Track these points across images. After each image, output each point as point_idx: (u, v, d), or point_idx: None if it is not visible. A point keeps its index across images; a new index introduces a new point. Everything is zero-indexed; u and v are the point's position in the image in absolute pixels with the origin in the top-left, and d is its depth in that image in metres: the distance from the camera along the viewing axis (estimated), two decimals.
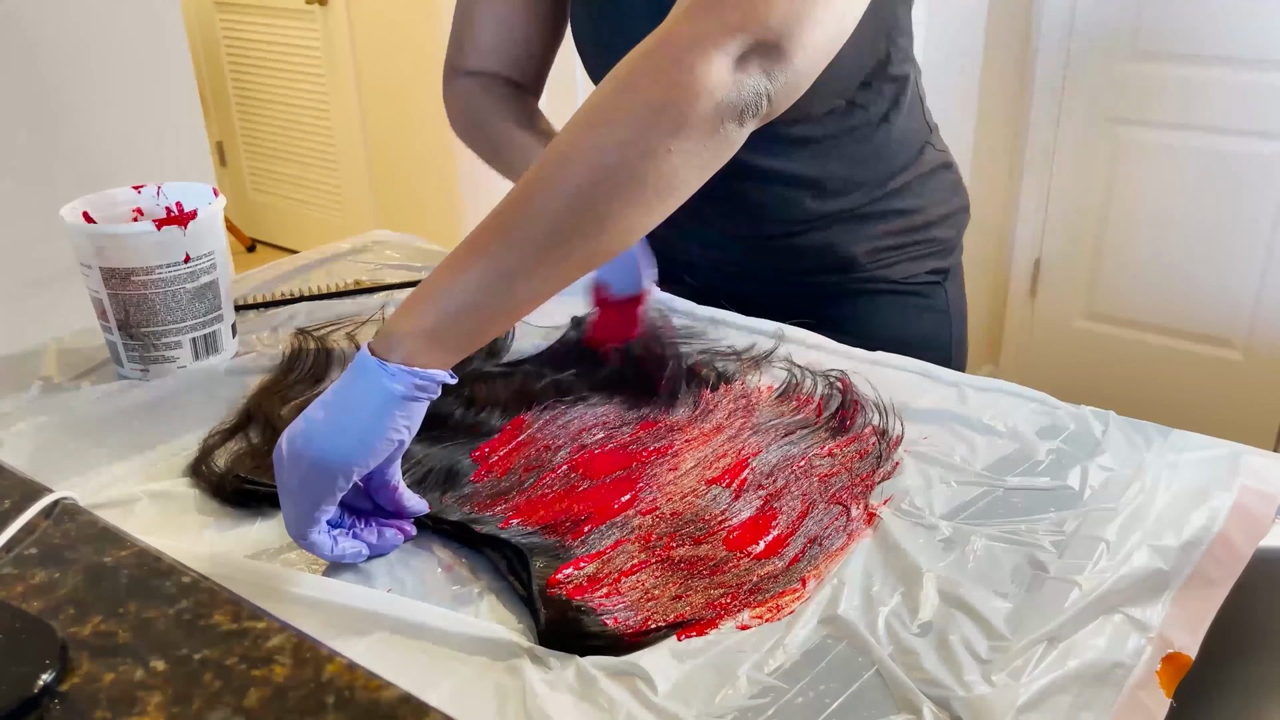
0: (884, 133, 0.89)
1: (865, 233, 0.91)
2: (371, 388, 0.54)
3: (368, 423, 0.55)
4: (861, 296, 0.93)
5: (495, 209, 0.57)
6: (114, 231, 0.76)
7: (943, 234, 0.95)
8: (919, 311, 0.95)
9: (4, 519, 0.50)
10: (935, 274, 0.95)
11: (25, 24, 1.41)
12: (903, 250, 0.93)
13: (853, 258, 0.92)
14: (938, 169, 0.95)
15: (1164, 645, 0.51)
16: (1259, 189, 2.02)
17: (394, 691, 0.40)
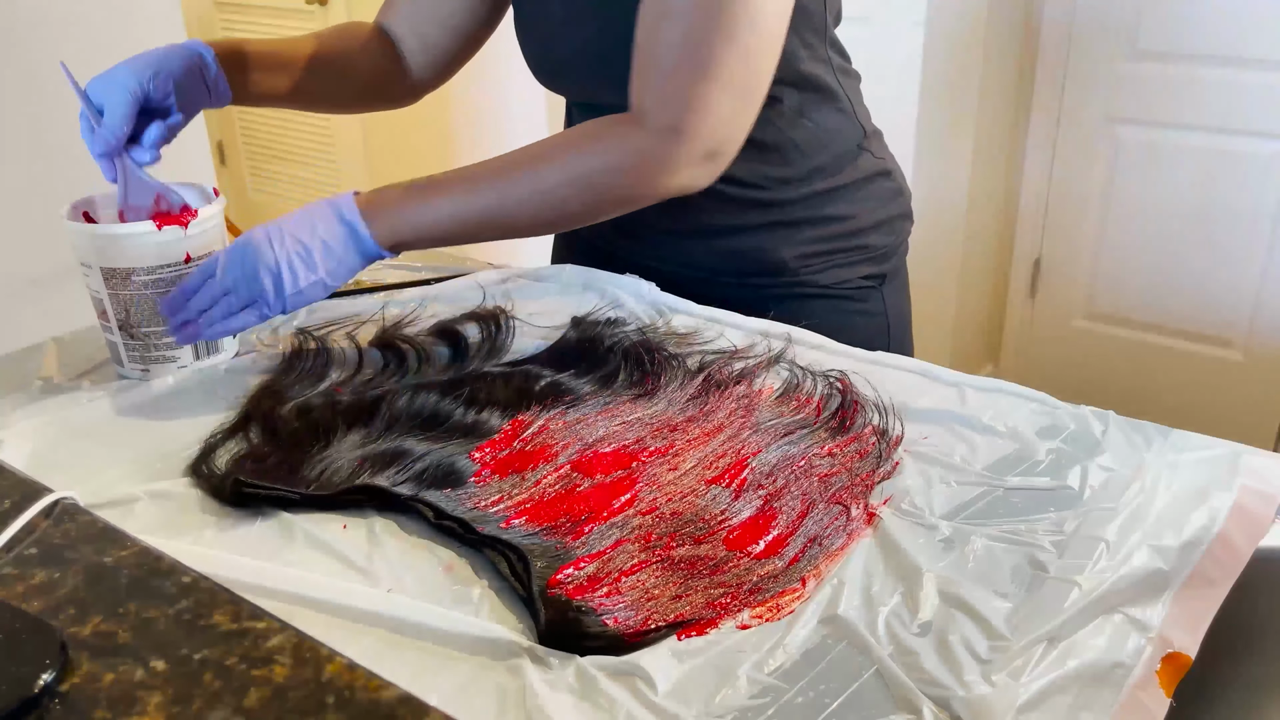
0: (799, 128, 0.91)
1: (795, 238, 0.93)
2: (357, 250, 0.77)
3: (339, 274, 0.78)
4: (793, 300, 0.95)
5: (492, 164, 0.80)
6: (114, 231, 0.76)
7: (878, 240, 0.96)
8: (852, 315, 0.96)
9: (4, 519, 0.50)
10: (869, 279, 0.97)
11: (25, 24, 1.41)
12: (832, 256, 0.95)
13: (782, 262, 0.94)
14: (874, 176, 0.96)
15: (1164, 645, 0.51)
16: (1259, 189, 2.02)
17: (394, 691, 0.40)
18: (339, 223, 0.76)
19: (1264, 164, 2.00)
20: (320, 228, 0.76)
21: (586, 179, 0.79)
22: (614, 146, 0.79)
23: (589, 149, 0.79)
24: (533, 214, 0.80)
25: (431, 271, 1.02)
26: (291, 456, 0.68)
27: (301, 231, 0.75)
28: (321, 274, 0.76)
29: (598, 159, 0.79)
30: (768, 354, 0.82)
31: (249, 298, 0.75)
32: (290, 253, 0.75)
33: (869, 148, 0.97)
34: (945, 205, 2.13)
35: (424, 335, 0.87)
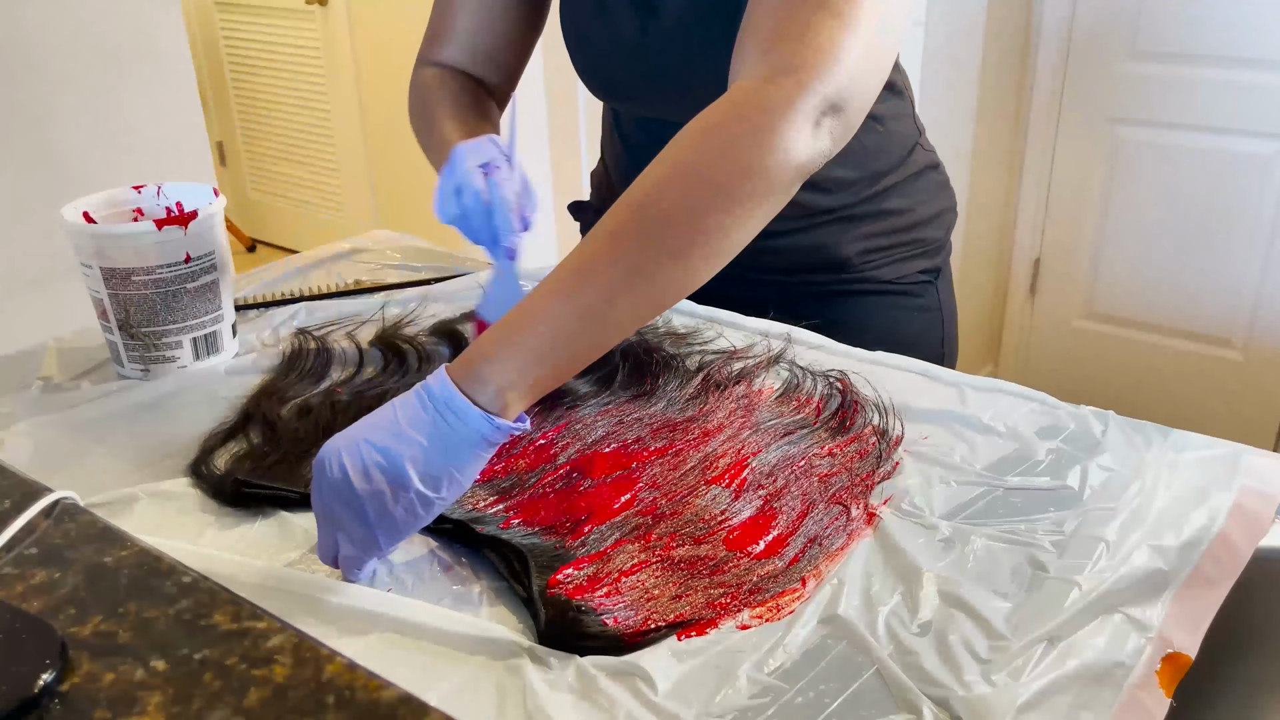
0: (872, 133, 0.89)
1: (855, 233, 0.92)
2: (472, 433, 0.54)
3: (468, 463, 0.55)
4: (853, 297, 0.93)
5: (582, 253, 0.58)
6: (114, 231, 0.76)
7: (931, 234, 0.96)
8: (910, 311, 0.95)
9: (4, 519, 0.50)
10: (925, 274, 0.96)
11: (25, 24, 1.41)
12: (892, 250, 0.94)
13: (844, 258, 0.92)
14: (925, 170, 0.96)
15: (1164, 645, 0.51)
16: (1259, 189, 2.02)
17: (394, 691, 0.40)
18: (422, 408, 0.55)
19: (1264, 164, 2.00)
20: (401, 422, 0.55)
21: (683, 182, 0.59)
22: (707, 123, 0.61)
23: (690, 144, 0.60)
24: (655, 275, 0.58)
25: (431, 271, 1.02)
26: (291, 456, 0.68)
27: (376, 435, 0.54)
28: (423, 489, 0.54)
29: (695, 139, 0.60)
30: (767, 354, 0.82)
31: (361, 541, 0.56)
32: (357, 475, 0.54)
33: (921, 142, 0.97)
34: None
35: (424, 335, 0.87)
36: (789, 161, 0.60)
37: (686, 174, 0.59)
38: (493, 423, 0.54)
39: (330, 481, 0.54)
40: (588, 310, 0.57)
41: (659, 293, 0.59)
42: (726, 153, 0.59)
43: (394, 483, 0.53)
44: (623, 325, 0.59)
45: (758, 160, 0.59)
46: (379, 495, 0.53)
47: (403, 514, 0.54)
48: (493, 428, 0.54)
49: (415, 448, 0.53)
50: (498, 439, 0.55)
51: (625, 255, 0.57)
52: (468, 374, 0.55)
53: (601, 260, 0.57)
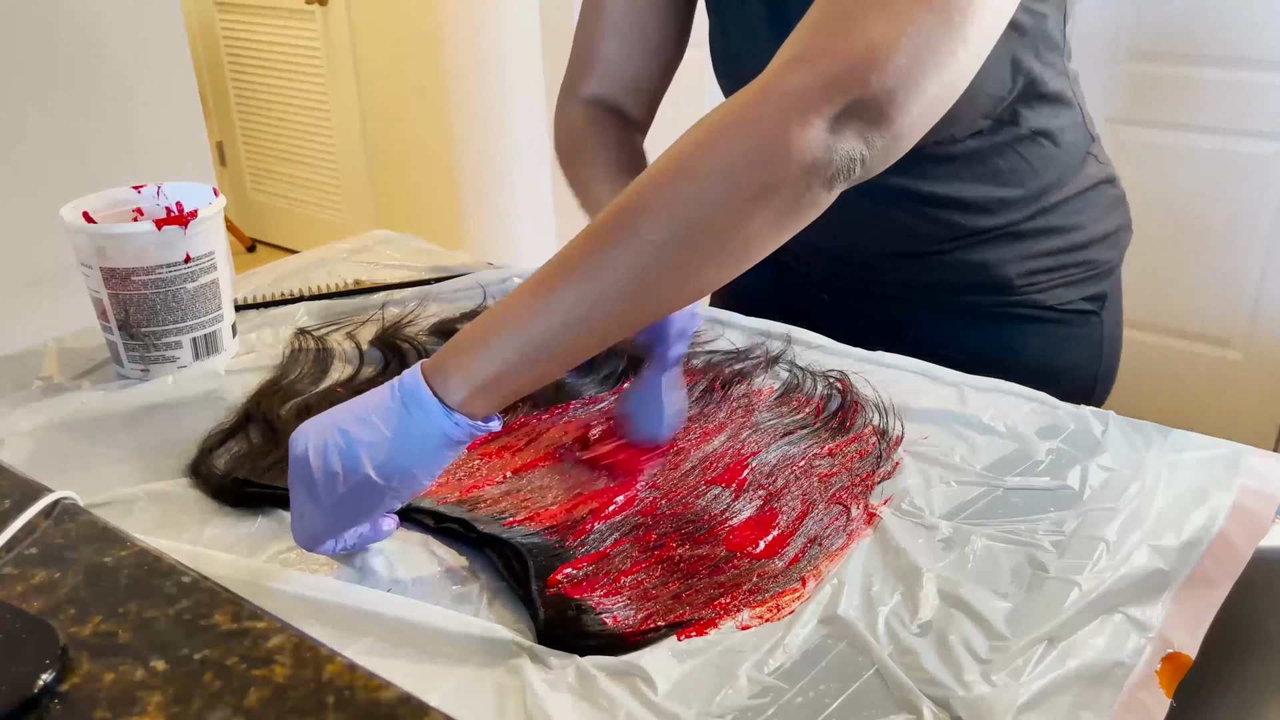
0: (1037, 148, 0.83)
1: (1020, 251, 0.85)
2: (433, 428, 0.53)
3: (427, 459, 0.54)
4: (1007, 321, 0.87)
5: (562, 253, 0.55)
6: (114, 231, 0.76)
7: (1102, 255, 0.89)
8: (1066, 343, 0.89)
9: (4, 519, 0.50)
10: (1091, 300, 0.89)
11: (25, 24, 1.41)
12: (1060, 273, 0.86)
13: (1007, 279, 0.85)
14: (1100, 184, 0.88)
15: (1164, 645, 0.51)
16: (1259, 189, 2.02)
17: (394, 691, 0.40)
18: (390, 398, 0.54)
19: (1264, 164, 2.00)
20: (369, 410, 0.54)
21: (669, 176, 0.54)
22: (707, 117, 0.55)
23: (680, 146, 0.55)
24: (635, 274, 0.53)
25: (431, 271, 1.02)
26: None
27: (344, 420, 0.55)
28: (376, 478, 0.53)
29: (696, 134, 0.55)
30: (767, 354, 0.82)
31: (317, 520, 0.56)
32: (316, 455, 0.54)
33: (1094, 153, 0.89)
34: None
35: (424, 335, 0.87)
36: (792, 156, 0.52)
37: (677, 166, 0.54)
38: (452, 418, 0.53)
39: (294, 458, 0.55)
40: (563, 311, 0.53)
41: (643, 296, 0.54)
42: (719, 143, 0.53)
43: (348, 468, 0.53)
44: (604, 329, 0.54)
45: (753, 150, 0.52)
46: (332, 477, 0.53)
47: (352, 500, 0.54)
48: (453, 424, 0.53)
49: (376, 435, 0.53)
50: (460, 437, 0.54)
51: (603, 253, 0.53)
52: (438, 371, 0.54)
53: (578, 259, 0.54)
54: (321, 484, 0.54)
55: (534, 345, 0.53)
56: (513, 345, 0.53)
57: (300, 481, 0.55)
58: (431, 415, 0.53)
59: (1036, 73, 0.79)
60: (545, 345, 0.53)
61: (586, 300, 0.53)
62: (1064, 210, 0.85)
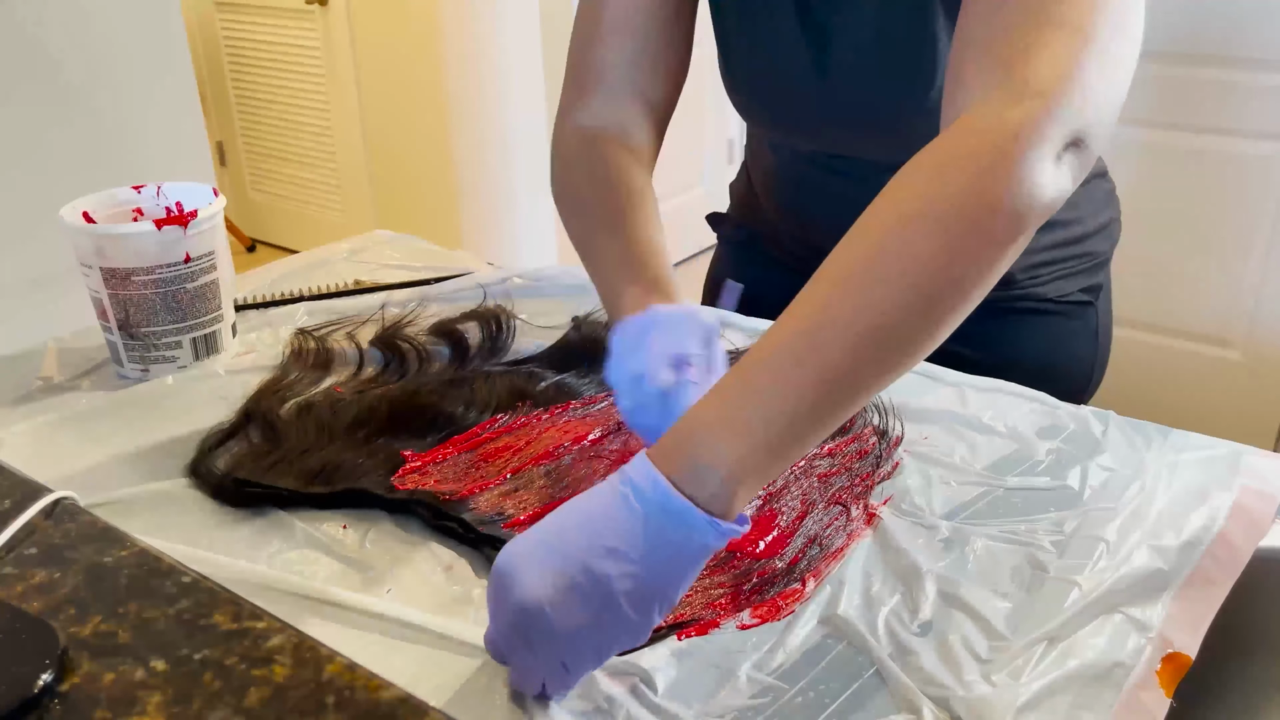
0: None
1: None
2: (693, 545, 0.46)
3: (681, 582, 0.47)
4: (1011, 315, 0.86)
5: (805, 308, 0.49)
6: (114, 231, 0.76)
7: (1097, 246, 0.89)
8: (1066, 335, 0.89)
9: (4, 519, 0.50)
10: (1087, 292, 0.89)
11: (26, 24, 1.41)
12: (1059, 265, 0.87)
13: (1009, 273, 0.81)
14: (1093, 178, 0.89)
15: (1164, 645, 0.51)
16: (1259, 189, 2.02)
17: (394, 691, 0.40)
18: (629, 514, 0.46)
19: (1263, 164, 2.00)
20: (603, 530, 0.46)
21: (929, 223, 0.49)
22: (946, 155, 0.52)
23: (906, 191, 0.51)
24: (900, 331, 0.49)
25: (431, 271, 1.02)
26: (291, 456, 0.68)
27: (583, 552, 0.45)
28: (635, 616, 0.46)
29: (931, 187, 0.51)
30: None
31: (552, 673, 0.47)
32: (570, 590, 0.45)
33: None
34: None
35: (424, 335, 0.87)
36: (1037, 197, 0.51)
37: (933, 214, 0.49)
38: (718, 527, 0.45)
39: (520, 609, 0.45)
40: (828, 375, 0.47)
41: (906, 350, 0.49)
42: (976, 188, 0.50)
43: (601, 609, 0.44)
44: (867, 390, 0.49)
45: (1009, 195, 0.50)
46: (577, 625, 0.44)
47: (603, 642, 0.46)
48: (717, 534, 0.45)
49: (622, 563, 0.44)
50: (720, 545, 0.46)
51: (866, 308, 0.48)
52: (682, 464, 0.45)
53: (837, 315, 0.48)
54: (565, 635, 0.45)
55: (800, 417, 0.47)
56: (775, 421, 0.46)
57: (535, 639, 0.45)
58: (693, 528, 0.45)
59: None
60: (811, 416, 0.47)
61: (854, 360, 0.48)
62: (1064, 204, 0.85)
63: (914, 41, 0.71)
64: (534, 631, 0.45)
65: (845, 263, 0.50)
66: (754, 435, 0.46)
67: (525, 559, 0.45)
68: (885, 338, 0.48)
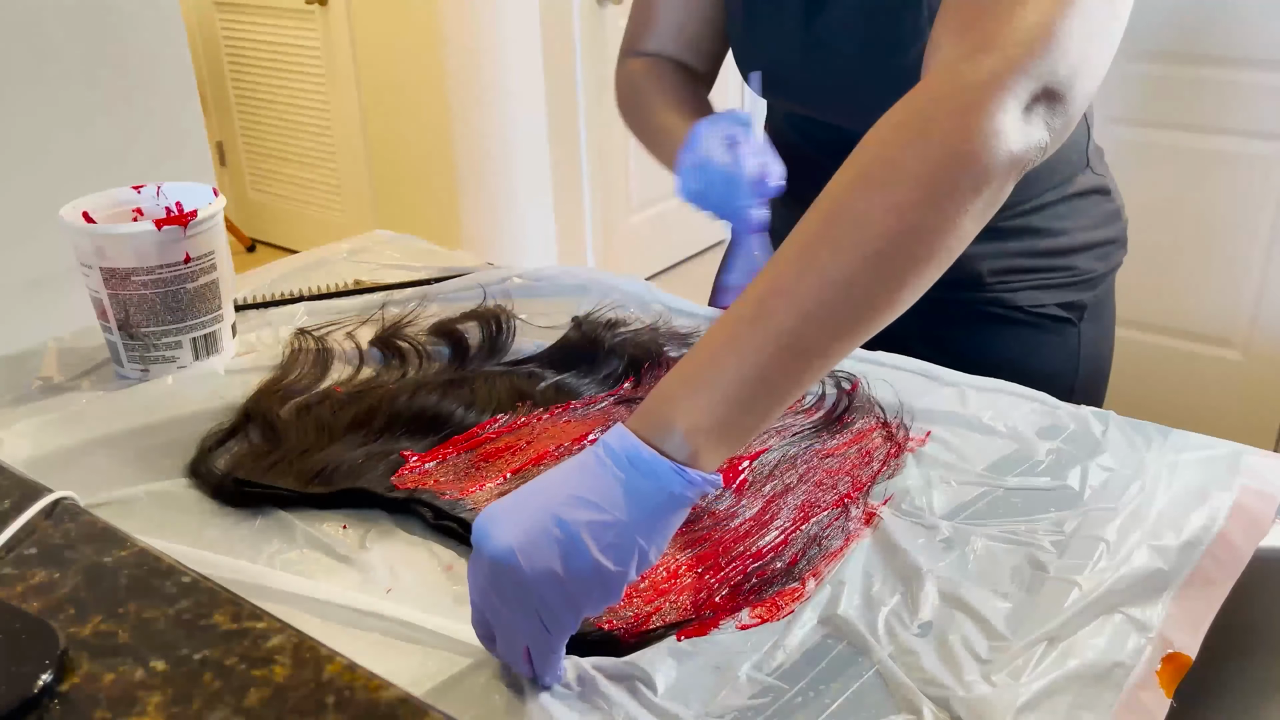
0: None
1: (997, 248, 0.84)
2: (660, 492, 0.47)
3: (654, 532, 0.47)
4: (980, 320, 0.86)
5: (768, 271, 0.51)
6: (114, 231, 0.76)
7: (1085, 264, 0.87)
8: (1039, 347, 0.87)
9: (4, 519, 0.50)
10: (1067, 308, 0.87)
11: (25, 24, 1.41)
12: (1034, 274, 0.85)
13: (977, 274, 0.84)
14: (1090, 192, 0.87)
15: (1164, 645, 0.51)
16: (1259, 189, 2.02)
17: (394, 691, 0.40)
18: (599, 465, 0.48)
19: (1263, 164, 2.00)
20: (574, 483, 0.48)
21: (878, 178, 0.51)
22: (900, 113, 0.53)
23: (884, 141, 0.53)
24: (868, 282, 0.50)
25: (431, 271, 1.02)
26: (291, 456, 0.68)
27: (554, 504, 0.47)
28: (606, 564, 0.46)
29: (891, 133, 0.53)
30: None
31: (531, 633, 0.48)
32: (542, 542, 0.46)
33: (1093, 163, 0.88)
34: None
35: (424, 335, 0.87)
36: (1000, 147, 0.51)
37: (882, 169, 0.51)
38: (684, 475, 0.46)
39: (493, 562, 0.46)
40: (780, 335, 0.48)
41: (862, 309, 0.50)
42: (926, 139, 0.51)
43: (573, 562, 0.45)
44: (824, 351, 0.50)
45: (963, 145, 0.50)
46: (551, 577, 0.45)
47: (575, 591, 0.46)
48: (684, 481, 0.46)
49: (596, 514, 0.46)
50: (692, 496, 0.47)
51: (817, 267, 0.49)
52: (650, 422, 0.48)
53: (789, 276, 0.50)
54: (535, 581, 0.45)
55: (754, 377, 0.48)
56: (731, 380, 0.48)
57: (509, 591, 0.46)
58: (659, 474, 0.47)
59: None
60: (765, 376, 0.49)
61: (804, 321, 0.49)
62: (1048, 213, 0.85)
63: (898, 8, 0.74)
64: (506, 581, 0.46)
65: (801, 228, 0.51)
66: (713, 392, 0.48)
67: (500, 513, 0.47)
68: (835, 301, 0.49)
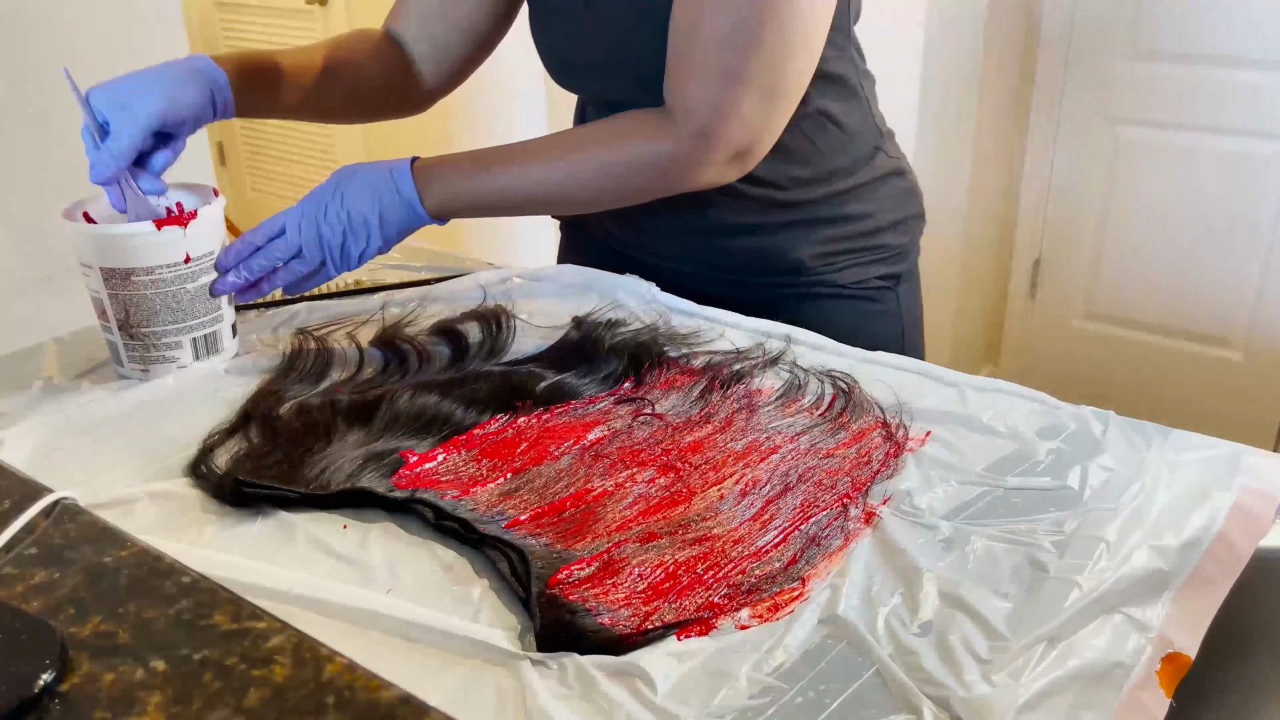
0: (825, 131, 0.91)
1: (813, 237, 0.93)
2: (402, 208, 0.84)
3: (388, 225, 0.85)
4: (810, 300, 0.95)
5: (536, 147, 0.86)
6: (114, 231, 0.76)
7: (893, 240, 0.97)
8: (868, 315, 0.97)
9: (4, 519, 0.50)
10: (885, 279, 0.97)
11: (25, 24, 1.41)
12: (851, 255, 0.95)
13: (800, 261, 0.94)
14: (888, 175, 0.97)
15: (1164, 645, 0.51)
16: (1259, 189, 2.02)
17: (394, 691, 0.40)
18: (395, 194, 0.83)
19: (1264, 164, 2.00)
20: (380, 199, 0.82)
21: (617, 172, 0.84)
22: (643, 147, 0.83)
23: (620, 145, 0.84)
24: (567, 198, 0.87)
25: (431, 271, 1.02)
26: (291, 456, 0.68)
27: (362, 202, 0.82)
28: (379, 241, 0.83)
29: (627, 155, 0.84)
30: (768, 355, 0.82)
31: (314, 262, 0.84)
32: (354, 222, 0.82)
33: (884, 148, 0.97)
34: (945, 206, 2.13)
35: (424, 335, 0.87)
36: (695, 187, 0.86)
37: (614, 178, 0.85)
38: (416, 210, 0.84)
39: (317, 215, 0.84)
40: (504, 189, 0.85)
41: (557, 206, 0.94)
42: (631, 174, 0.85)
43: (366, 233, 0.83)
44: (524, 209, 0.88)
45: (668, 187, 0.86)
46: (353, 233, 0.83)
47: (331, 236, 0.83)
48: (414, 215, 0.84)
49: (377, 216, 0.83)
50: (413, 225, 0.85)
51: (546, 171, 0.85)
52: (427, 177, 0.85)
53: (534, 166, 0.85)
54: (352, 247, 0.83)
55: (501, 197, 0.86)
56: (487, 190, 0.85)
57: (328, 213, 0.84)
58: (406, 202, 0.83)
59: None
60: (507, 201, 0.86)
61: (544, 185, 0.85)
62: (852, 199, 0.95)
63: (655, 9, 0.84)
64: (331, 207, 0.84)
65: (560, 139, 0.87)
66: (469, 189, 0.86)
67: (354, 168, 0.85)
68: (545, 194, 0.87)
